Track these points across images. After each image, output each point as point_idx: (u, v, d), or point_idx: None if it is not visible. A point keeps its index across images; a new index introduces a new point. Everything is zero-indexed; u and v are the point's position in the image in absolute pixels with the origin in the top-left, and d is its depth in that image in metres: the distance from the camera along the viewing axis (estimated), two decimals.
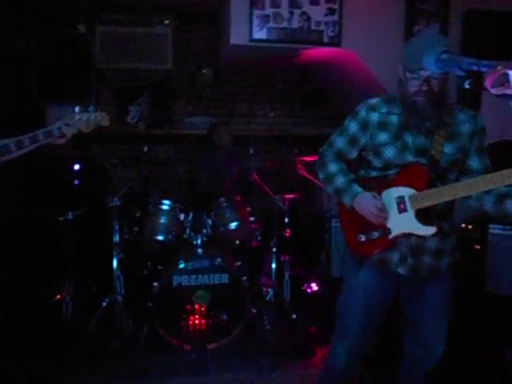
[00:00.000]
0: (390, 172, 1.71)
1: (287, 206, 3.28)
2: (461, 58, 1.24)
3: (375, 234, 1.70)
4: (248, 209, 3.22)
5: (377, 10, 3.24)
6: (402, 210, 1.67)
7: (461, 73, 1.19)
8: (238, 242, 3.15)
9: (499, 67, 1.07)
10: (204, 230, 3.06)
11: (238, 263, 3.01)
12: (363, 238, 1.72)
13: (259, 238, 3.35)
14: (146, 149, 3.17)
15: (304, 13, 3.20)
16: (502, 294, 2.40)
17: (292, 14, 3.19)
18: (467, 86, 1.17)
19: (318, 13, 3.20)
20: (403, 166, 1.68)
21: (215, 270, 2.79)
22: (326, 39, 3.22)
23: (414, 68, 1.53)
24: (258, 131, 4.39)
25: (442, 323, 1.78)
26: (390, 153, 1.69)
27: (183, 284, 2.76)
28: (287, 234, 3.33)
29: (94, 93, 4.08)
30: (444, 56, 1.26)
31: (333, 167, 1.83)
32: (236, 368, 2.64)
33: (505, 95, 1.07)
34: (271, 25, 3.17)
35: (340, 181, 1.79)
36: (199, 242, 3.01)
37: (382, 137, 1.71)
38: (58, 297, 3.19)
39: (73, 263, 3.16)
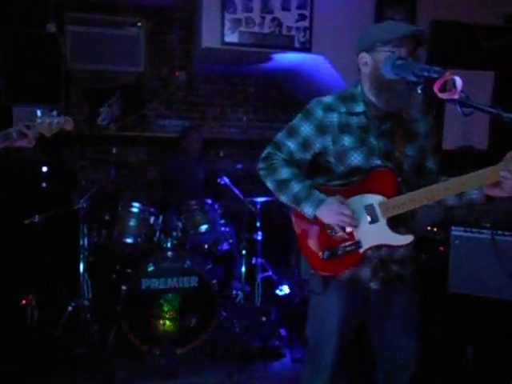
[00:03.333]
0: (355, 178, 1.55)
1: (259, 209, 3.30)
2: (414, 64, 1.29)
3: (344, 249, 1.51)
4: (219, 212, 3.22)
5: (347, 17, 3.31)
6: (372, 220, 1.51)
7: (414, 78, 1.24)
8: (208, 245, 3.15)
9: (447, 73, 1.11)
10: (174, 233, 3.05)
11: (208, 266, 3.01)
12: (329, 255, 1.52)
13: (231, 241, 3.35)
14: (114, 150, 3.14)
15: (275, 18, 3.24)
16: (462, 293, 2.48)
17: (263, 18, 3.23)
18: (419, 92, 1.22)
19: (289, 18, 3.25)
20: (368, 171, 1.52)
21: (185, 273, 2.77)
22: (296, 44, 3.27)
23: (396, 36, 1.41)
24: (230, 135, 4.40)
25: (411, 336, 1.65)
26: (356, 158, 1.52)
27: (152, 287, 2.74)
28: (259, 238, 3.34)
29: (63, 94, 4.00)
30: (399, 62, 1.30)
31: (285, 172, 1.58)
32: (205, 372, 2.62)
33: (452, 100, 1.12)
34: (243, 29, 3.20)
35: (297, 187, 1.55)
36: (169, 245, 2.99)
37: (346, 141, 1.53)
38: (24, 302, 3.10)
39: (39, 267, 3.08)
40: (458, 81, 1.12)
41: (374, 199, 1.51)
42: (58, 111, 1.87)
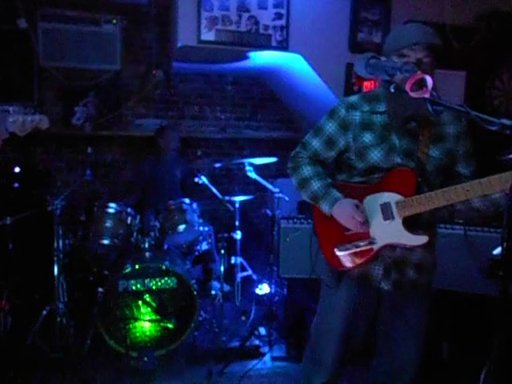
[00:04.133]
0: (375, 176, 1.56)
1: (238, 209, 3.29)
2: (386, 63, 1.30)
3: (358, 246, 1.52)
4: (197, 211, 3.20)
5: (322, 17, 3.33)
6: (387, 218, 1.51)
7: (387, 77, 1.25)
8: (186, 245, 3.12)
9: (418, 72, 1.13)
10: (152, 234, 3.01)
11: (187, 266, 2.98)
12: (343, 250, 1.54)
13: (209, 240, 3.34)
14: (90, 150, 3.07)
15: (252, 16, 3.24)
16: (439, 288, 2.52)
17: (240, 17, 3.22)
18: (392, 90, 1.23)
19: (265, 17, 3.25)
20: (388, 170, 1.53)
21: (163, 274, 2.74)
22: (274, 43, 3.28)
23: (402, 46, 1.43)
24: (209, 134, 4.38)
25: (418, 343, 1.65)
26: (376, 155, 1.54)
27: (129, 289, 2.70)
28: (238, 237, 3.33)
29: (36, 92, 3.91)
30: (372, 61, 1.31)
31: (308, 170, 1.64)
32: (184, 373, 2.60)
33: (424, 99, 1.14)
34: (219, 27, 3.18)
35: (316, 185, 1.61)
36: (147, 245, 2.94)
37: (367, 138, 1.56)
38: None
39: (12, 270, 2.99)
40: (429, 80, 1.14)
41: (392, 197, 1.51)
42: (33, 109, 1.81)
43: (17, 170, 3.58)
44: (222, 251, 2.92)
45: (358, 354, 1.74)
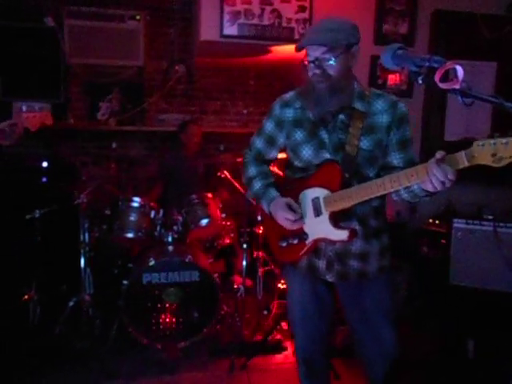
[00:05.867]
0: (310, 172, 1.60)
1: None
2: (414, 54, 1.26)
3: (293, 240, 1.60)
4: (219, 206, 3.21)
5: (346, 8, 3.27)
6: (317, 214, 1.55)
7: (415, 69, 1.21)
8: (209, 239, 3.14)
9: (448, 63, 1.09)
10: (175, 227, 3.04)
11: (210, 260, 3.00)
12: (284, 244, 1.63)
13: (231, 234, 3.35)
14: (114, 145, 3.12)
15: (275, 10, 3.21)
16: (464, 286, 2.47)
17: (263, 10, 3.20)
18: (420, 82, 1.20)
19: (288, 10, 3.22)
20: (319, 165, 1.57)
21: (186, 268, 2.77)
22: (296, 36, 3.24)
23: (301, 46, 1.49)
24: (230, 128, 4.38)
25: (385, 325, 1.63)
26: (307, 152, 1.58)
27: (153, 282, 2.73)
28: (260, 231, 3.33)
29: (63, 89, 3.99)
30: (399, 52, 1.27)
31: (252, 171, 1.73)
32: (206, 366, 2.63)
33: (453, 90, 1.10)
34: (242, 21, 3.17)
35: (257, 185, 1.69)
36: (170, 239, 2.98)
37: (298, 135, 1.60)
38: (26, 297, 3.10)
39: (40, 263, 3.08)
40: (460, 70, 1.10)
41: (320, 193, 1.55)
42: (41, 106, 1.92)
43: (45, 164, 3.67)
44: (245, 245, 2.93)
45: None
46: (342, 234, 1.51)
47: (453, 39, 3.38)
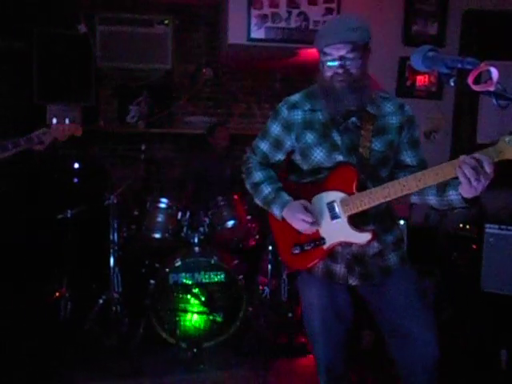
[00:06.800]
0: (321, 175, 1.56)
1: None
2: (445, 55, 1.24)
3: (309, 246, 1.55)
4: (245, 207, 3.23)
5: (375, 9, 3.24)
6: (334, 217, 1.52)
7: (446, 70, 1.19)
8: (234, 240, 3.16)
9: (482, 64, 1.07)
10: (201, 229, 3.07)
11: (235, 262, 3.02)
12: (297, 251, 1.57)
13: (257, 236, 3.35)
14: (143, 147, 3.19)
15: (302, 12, 3.22)
16: (497, 293, 2.40)
17: (290, 13, 3.21)
18: (452, 84, 1.18)
19: (315, 12, 3.22)
20: (332, 168, 1.54)
21: (212, 269, 2.80)
22: None
23: (324, 45, 1.44)
24: (257, 131, 4.39)
25: (421, 323, 1.56)
26: (319, 154, 1.54)
27: (180, 282, 2.78)
28: None
29: (94, 92, 4.11)
30: (430, 54, 1.25)
31: (258, 175, 1.65)
32: (231, 366, 2.64)
33: (488, 92, 1.08)
34: (269, 24, 3.19)
35: (267, 190, 1.62)
36: (196, 240, 3.02)
37: (309, 137, 1.55)
38: (57, 294, 3.20)
39: (71, 261, 3.18)
40: (494, 72, 1.08)
41: (336, 196, 1.52)
42: (71, 119, 2.09)
43: (76, 166, 3.78)
44: (270, 247, 2.94)
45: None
46: (364, 236, 1.49)
47: (485, 39, 3.30)
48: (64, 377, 2.50)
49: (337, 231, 1.52)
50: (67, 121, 2.07)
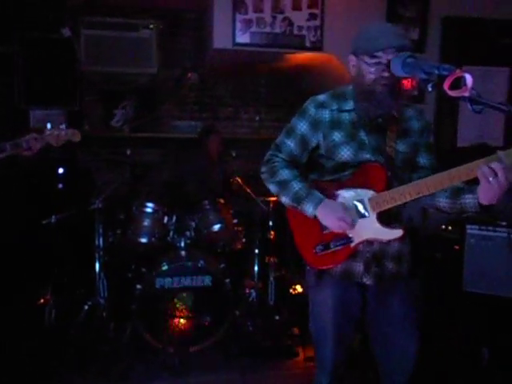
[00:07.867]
0: (345, 173, 1.59)
1: (271, 209, 3.30)
2: (423, 61, 1.28)
3: (336, 245, 1.54)
4: (231, 211, 3.24)
5: (357, 15, 3.30)
6: (362, 215, 1.53)
7: (424, 76, 1.23)
8: (221, 244, 3.17)
9: (457, 70, 1.11)
10: (187, 233, 3.07)
11: (222, 265, 3.03)
12: (322, 250, 1.56)
13: (243, 240, 3.37)
14: (128, 152, 3.18)
15: (286, 18, 3.26)
16: (478, 293, 2.45)
17: (275, 18, 3.25)
18: (430, 89, 1.21)
19: (300, 18, 3.27)
20: (358, 166, 1.56)
21: (198, 273, 2.80)
22: (308, 44, 3.28)
23: (376, 49, 1.44)
24: (243, 135, 4.42)
25: (411, 336, 1.65)
26: (346, 153, 1.57)
27: (166, 286, 2.77)
28: (271, 237, 3.35)
29: (78, 96, 4.08)
30: (409, 60, 1.29)
31: (286, 173, 1.62)
32: (218, 370, 2.65)
33: (463, 97, 1.11)
34: (254, 29, 3.22)
35: (298, 186, 1.59)
36: (182, 244, 3.01)
37: (336, 136, 1.58)
38: (42, 300, 3.16)
39: (57, 266, 3.14)
40: (469, 78, 1.11)
41: (364, 194, 1.54)
42: (67, 124, 2.02)
43: (60, 171, 3.75)
44: (256, 251, 2.95)
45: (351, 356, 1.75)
46: (396, 233, 1.51)
47: (464, 45, 3.38)
48: (49, 382, 2.47)
49: (365, 229, 1.53)
50: (63, 126, 2.01)
